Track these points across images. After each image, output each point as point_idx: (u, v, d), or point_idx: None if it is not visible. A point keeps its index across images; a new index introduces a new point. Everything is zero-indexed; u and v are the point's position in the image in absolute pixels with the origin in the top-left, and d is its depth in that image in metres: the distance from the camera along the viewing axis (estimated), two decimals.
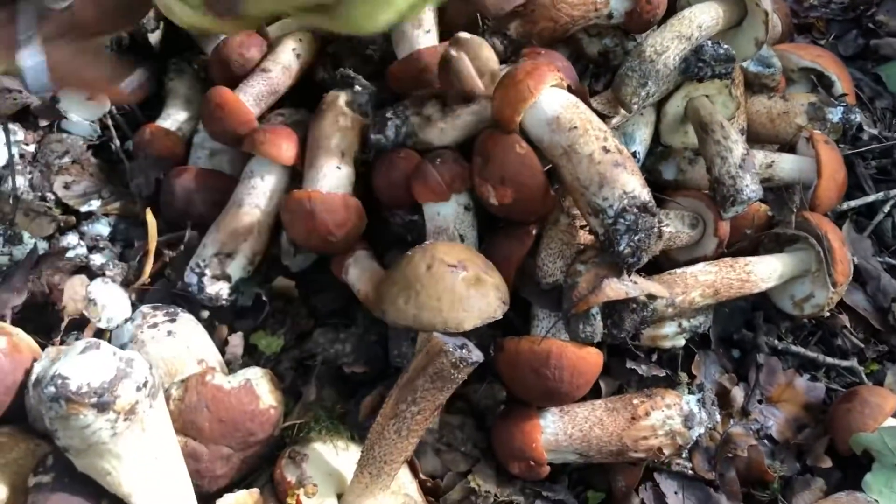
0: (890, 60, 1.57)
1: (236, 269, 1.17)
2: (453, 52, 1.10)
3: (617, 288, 1.03)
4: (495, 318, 1.02)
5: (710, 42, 1.15)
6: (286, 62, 1.25)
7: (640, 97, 1.13)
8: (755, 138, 1.31)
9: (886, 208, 1.35)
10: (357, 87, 1.20)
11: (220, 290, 1.15)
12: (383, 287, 1.02)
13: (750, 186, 1.10)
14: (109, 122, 1.28)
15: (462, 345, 0.95)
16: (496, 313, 1.01)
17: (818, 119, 1.28)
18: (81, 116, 1.26)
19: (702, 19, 1.16)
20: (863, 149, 1.40)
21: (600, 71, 1.27)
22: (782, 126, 1.30)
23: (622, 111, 1.17)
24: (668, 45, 1.13)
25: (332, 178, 1.14)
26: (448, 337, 0.92)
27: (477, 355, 0.96)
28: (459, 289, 0.98)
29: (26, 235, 1.19)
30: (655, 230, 0.99)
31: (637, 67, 1.12)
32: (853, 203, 1.34)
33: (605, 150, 1.00)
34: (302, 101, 1.28)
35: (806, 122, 1.28)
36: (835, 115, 1.28)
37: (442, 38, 1.25)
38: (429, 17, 1.24)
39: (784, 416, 1.20)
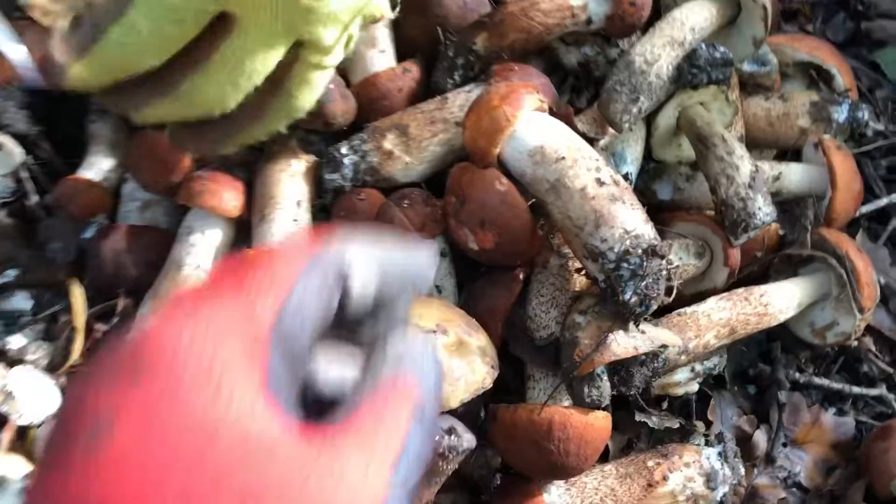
0: (885, 45, 1.45)
1: None
2: None
3: (625, 344, 0.89)
4: (485, 389, 0.87)
5: (703, 45, 1.01)
6: None
7: (632, 114, 0.98)
8: (754, 144, 1.18)
9: None
10: (312, 137, 1.05)
11: None
12: None
13: (763, 209, 0.96)
14: (24, 174, 1.11)
15: (449, 429, 0.80)
16: (485, 383, 0.87)
17: (822, 120, 1.15)
18: None
19: (694, 21, 1.02)
20: (869, 147, 1.27)
21: (581, 84, 1.12)
22: (783, 129, 1.17)
23: (611, 131, 1.02)
24: (659, 53, 0.99)
25: (286, 232, 0.99)
26: None
27: (468, 440, 0.82)
28: (441, 358, 0.82)
29: None
30: (665, 273, 0.85)
31: (626, 81, 0.98)
32: (864, 209, 1.21)
33: (600, 182, 0.86)
34: None
35: (809, 124, 1.15)
36: (840, 114, 1.15)
37: (400, 56, 1.10)
38: (383, 35, 1.09)
39: (812, 458, 1.08)
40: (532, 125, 0.89)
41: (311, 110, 0.89)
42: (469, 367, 0.86)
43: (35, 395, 0.96)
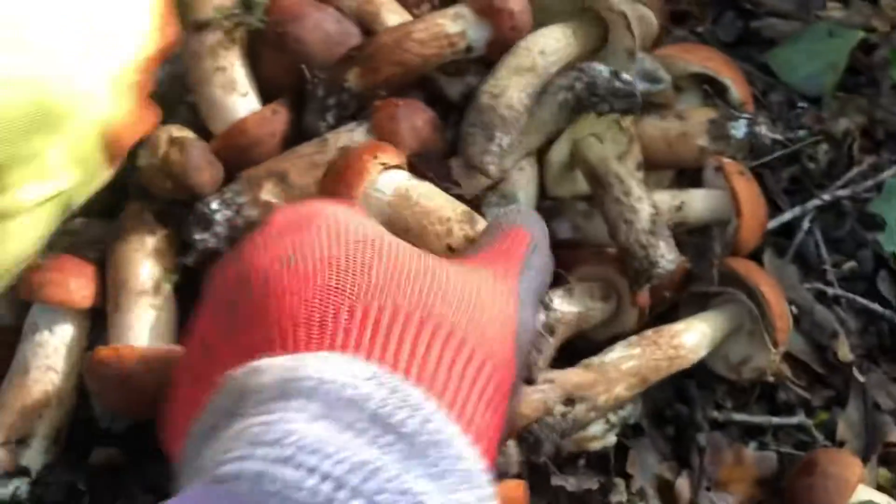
0: (775, 45, 1.41)
1: (35, 457, 0.87)
2: None
3: (534, 402, 0.82)
4: None
5: (604, 72, 0.93)
6: None
7: (493, 153, 0.90)
8: (652, 166, 1.11)
9: (805, 224, 1.18)
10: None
11: (15, 490, 0.85)
12: None
13: (666, 256, 0.89)
14: None
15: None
16: None
17: (721, 137, 1.09)
18: None
19: (542, 44, 0.95)
20: (769, 158, 1.22)
21: None
22: (682, 150, 1.10)
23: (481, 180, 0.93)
24: (505, 85, 0.92)
25: (146, 323, 0.86)
26: None
27: None
28: None
29: None
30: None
31: (476, 121, 0.91)
32: (770, 224, 1.16)
33: (451, 248, 0.78)
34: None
35: (708, 143, 1.09)
36: (738, 130, 1.10)
37: (265, 98, 0.98)
38: (240, 76, 0.96)
39: (737, 499, 1.02)
40: (375, 195, 0.82)
41: (170, 184, 0.79)
42: None
43: None
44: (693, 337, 0.96)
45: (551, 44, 0.96)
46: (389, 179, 0.83)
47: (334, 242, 0.59)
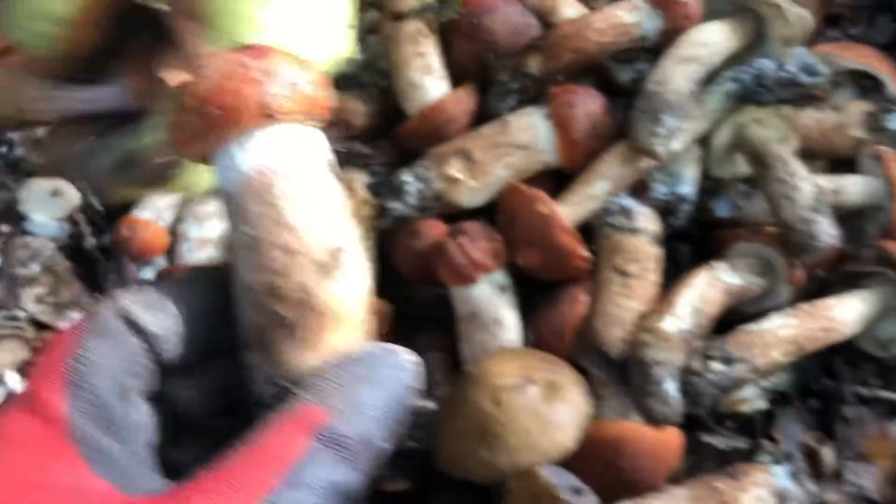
0: None
1: None
2: None
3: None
4: (590, 416, 0.88)
5: (771, 64, 1.01)
6: None
7: (660, 136, 0.97)
8: (808, 156, 1.16)
9: None
10: (375, 167, 1.05)
11: None
12: (449, 447, 0.87)
13: (827, 231, 0.95)
14: (81, 218, 1.11)
15: (577, 488, 0.80)
16: (588, 411, 0.88)
17: (876, 129, 1.14)
18: (46, 216, 1.09)
19: (705, 37, 1.02)
20: None
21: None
22: (837, 140, 1.16)
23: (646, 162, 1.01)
24: (671, 73, 0.99)
25: None
26: (554, 475, 0.78)
27: (594, 501, 0.81)
28: (541, 408, 0.83)
29: None
30: None
31: (645, 107, 0.98)
32: None
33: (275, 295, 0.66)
34: None
35: (864, 134, 1.14)
36: (894, 122, 1.14)
37: (453, 83, 1.10)
38: (436, 63, 1.08)
39: (881, 471, 1.07)
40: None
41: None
42: (570, 404, 0.86)
43: None
44: (846, 311, 1.01)
45: (711, 37, 1.03)
46: (261, 145, 0.54)
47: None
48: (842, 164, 1.20)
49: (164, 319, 0.52)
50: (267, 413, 0.47)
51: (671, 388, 0.90)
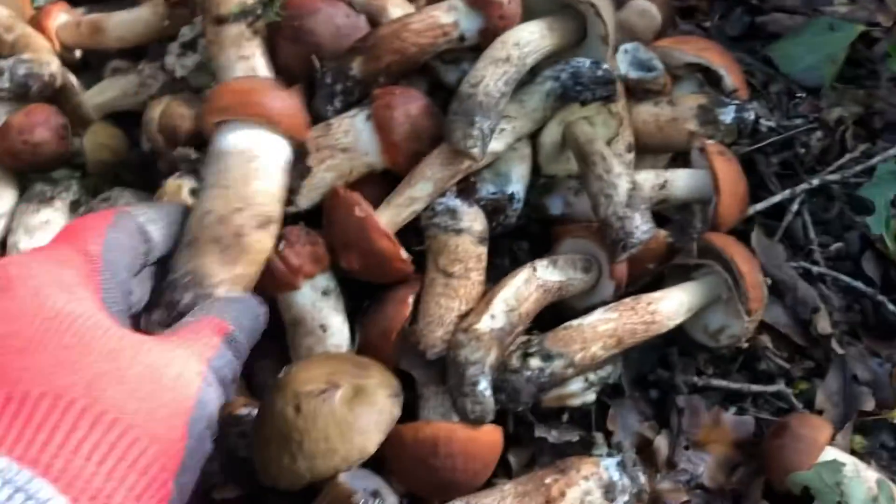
0: (778, 38, 1.46)
1: None
2: None
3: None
4: (396, 419, 0.87)
5: (587, 63, 1.01)
6: None
7: (475, 137, 0.96)
8: (645, 149, 1.19)
9: (794, 207, 1.24)
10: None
11: None
12: (259, 454, 0.87)
13: (640, 227, 0.97)
14: None
15: (374, 492, 0.81)
16: (393, 414, 0.88)
17: (710, 122, 1.16)
18: None
19: (518, 36, 1.02)
20: (762, 143, 1.28)
21: None
22: (672, 134, 1.18)
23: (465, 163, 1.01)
24: (482, 74, 0.99)
25: None
26: (354, 478, 0.79)
27: (392, 502, 0.82)
28: (342, 413, 0.83)
29: None
30: None
31: (457, 110, 0.98)
32: (759, 206, 1.23)
33: None
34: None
35: (697, 127, 1.16)
36: (727, 115, 1.16)
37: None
38: (261, 65, 1.07)
39: (714, 458, 1.09)
40: None
41: None
42: (374, 408, 0.86)
43: None
44: (670, 304, 1.03)
45: (526, 36, 1.03)
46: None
47: (17, 316, 0.61)
48: (681, 160, 1.22)
49: (156, 232, 0.84)
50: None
51: (484, 386, 0.91)
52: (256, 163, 0.94)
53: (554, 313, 1.04)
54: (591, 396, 1.04)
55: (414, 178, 1.00)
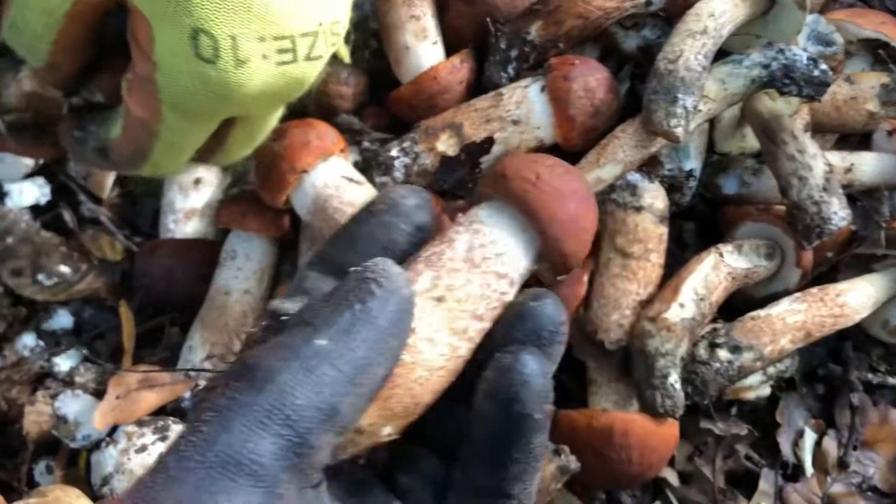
0: None
1: None
2: None
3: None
4: None
5: (805, 58, 0.94)
6: None
7: (678, 116, 0.90)
8: (819, 129, 1.12)
9: None
10: (366, 143, 0.99)
11: None
12: None
13: (839, 213, 0.91)
14: (72, 183, 1.07)
15: (556, 450, 0.79)
16: None
17: (892, 102, 1.09)
18: (22, 187, 1.04)
19: (712, 7, 0.95)
20: None
21: (642, 70, 1.05)
22: (850, 114, 1.10)
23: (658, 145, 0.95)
24: (680, 49, 0.92)
25: None
26: None
27: (574, 461, 0.80)
28: None
29: None
30: None
31: (658, 88, 0.91)
32: None
33: None
34: None
35: (878, 108, 1.09)
36: None
37: (448, 49, 1.04)
38: (431, 26, 1.02)
39: (884, 459, 1.04)
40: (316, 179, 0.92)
41: None
42: None
43: (86, 420, 0.93)
44: (857, 297, 0.97)
45: (720, 6, 0.96)
46: (311, 184, 0.92)
47: None
48: (850, 141, 1.15)
49: None
50: None
51: (675, 379, 0.86)
52: None
53: (731, 304, 0.98)
54: (766, 390, 1.00)
55: (604, 159, 0.94)
